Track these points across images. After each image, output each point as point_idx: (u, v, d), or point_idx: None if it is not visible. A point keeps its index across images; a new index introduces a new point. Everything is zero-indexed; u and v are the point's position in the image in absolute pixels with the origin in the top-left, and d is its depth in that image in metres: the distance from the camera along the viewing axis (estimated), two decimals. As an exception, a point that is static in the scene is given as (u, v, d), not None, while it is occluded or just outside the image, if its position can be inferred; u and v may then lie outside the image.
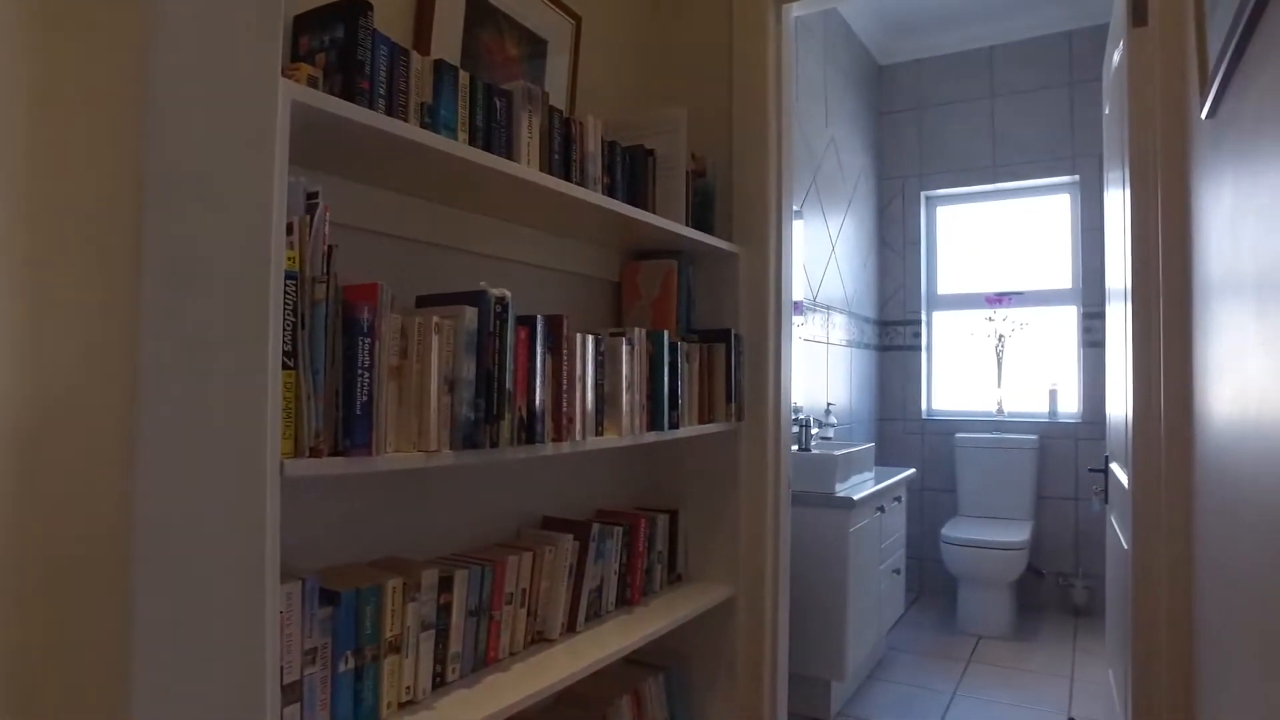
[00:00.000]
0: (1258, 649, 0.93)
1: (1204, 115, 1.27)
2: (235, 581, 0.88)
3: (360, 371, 1.05)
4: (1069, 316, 4.17)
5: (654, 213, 1.78)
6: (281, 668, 1.05)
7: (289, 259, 0.96)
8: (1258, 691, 0.93)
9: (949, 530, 3.71)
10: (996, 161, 4.25)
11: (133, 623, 0.79)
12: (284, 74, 0.95)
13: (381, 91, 1.19)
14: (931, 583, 4.38)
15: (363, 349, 1.06)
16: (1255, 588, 0.94)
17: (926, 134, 4.45)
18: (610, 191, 1.68)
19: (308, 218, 0.99)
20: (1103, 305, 3.81)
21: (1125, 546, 1.85)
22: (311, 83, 1.07)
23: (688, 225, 1.88)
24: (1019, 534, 3.64)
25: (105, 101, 0.85)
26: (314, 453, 1.00)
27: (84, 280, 0.86)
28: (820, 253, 3.66)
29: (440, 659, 1.32)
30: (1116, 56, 2.08)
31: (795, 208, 3.32)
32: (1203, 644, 1.38)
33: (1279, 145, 0.83)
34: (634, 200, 1.76)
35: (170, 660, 0.82)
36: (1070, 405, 4.14)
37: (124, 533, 0.79)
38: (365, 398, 1.06)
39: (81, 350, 0.86)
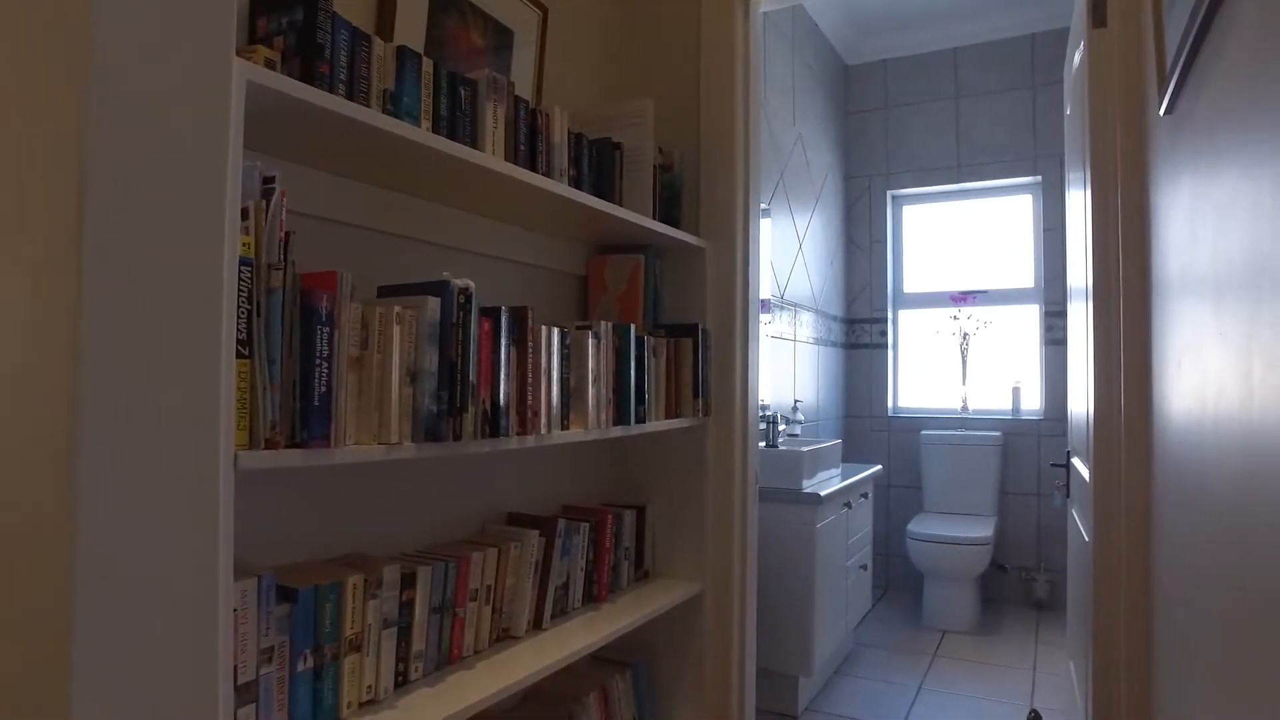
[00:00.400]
0: (1213, 634, 0.94)
1: (1162, 112, 1.29)
2: (186, 578, 0.85)
3: (319, 361, 1.03)
4: (1031, 315, 4.23)
5: (621, 206, 1.77)
6: (235, 667, 1.02)
7: (244, 244, 0.93)
8: (1213, 676, 0.94)
9: (915, 526, 3.75)
10: (961, 162, 4.31)
11: (73, 621, 0.76)
12: (239, 55, 0.92)
13: (342, 77, 1.16)
14: (898, 578, 4.42)
15: (321, 338, 1.03)
16: (1210, 574, 0.96)
17: (892, 133, 4.49)
18: (576, 184, 1.67)
19: (264, 202, 0.96)
20: (1064, 304, 3.88)
21: (1086, 539, 1.88)
22: (269, 65, 1.05)
23: (655, 219, 1.87)
24: (983, 529, 3.69)
25: (42, 79, 0.82)
26: (270, 444, 0.97)
27: (20, 266, 0.83)
28: (788, 251, 3.67)
29: (403, 657, 1.30)
30: (1077, 57, 2.11)
31: (763, 205, 3.33)
32: (1160, 632, 1.40)
33: (1233, 140, 0.84)
34: (601, 193, 1.75)
35: (113, 660, 0.79)
36: (1033, 403, 4.20)
37: (65, 528, 0.76)
38: (324, 388, 1.03)
39: (19, 340, 0.83)
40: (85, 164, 0.77)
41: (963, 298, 4.37)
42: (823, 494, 2.71)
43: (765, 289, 3.36)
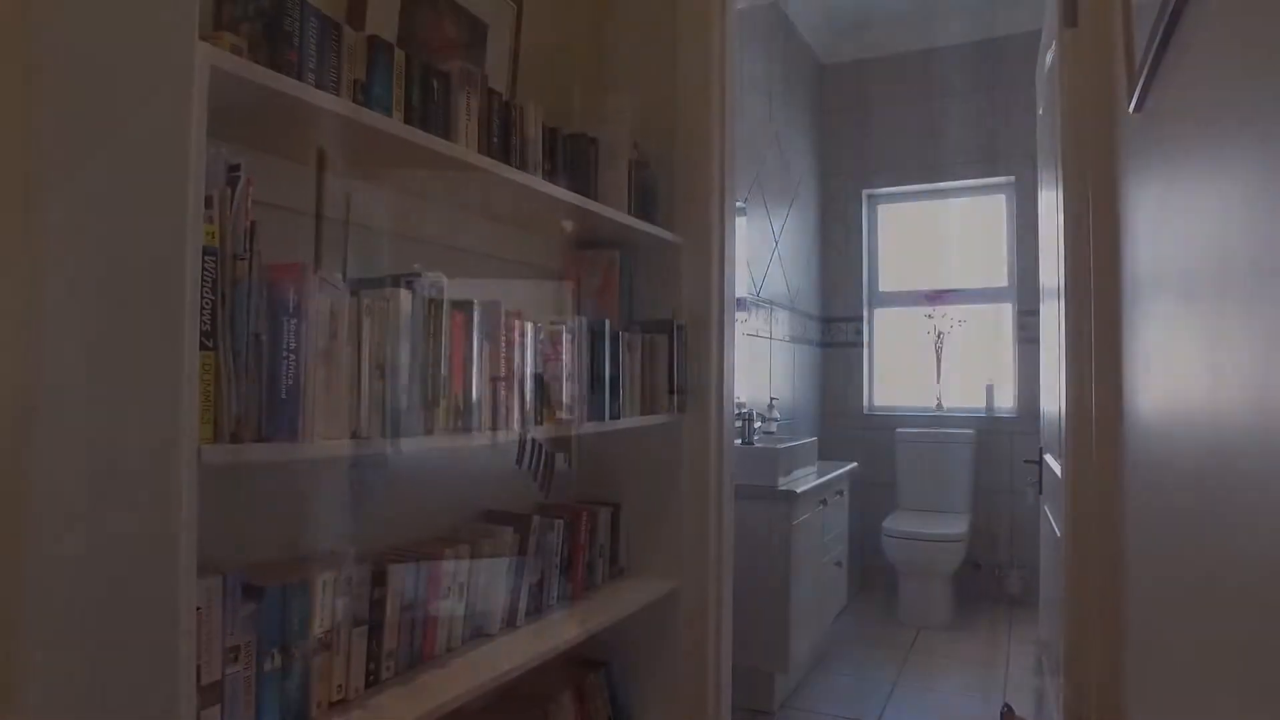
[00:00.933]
0: (1181, 627, 0.95)
1: (1131, 109, 1.30)
2: (147, 576, 0.83)
3: (286, 354, 1.01)
4: (1005, 314, 4.28)
5: (596, 201, 1.76)
6: (199, 667, 1.00)
7: (208, 233, 0.91)
8: (1183, 670, 0.95)
9: (890, 523, 3.78)
10: (936, 161, 4.34)
11: (25, 620, 0.73)
12: (203, 40, 0.90)
13: (311, 66, 1.14)
14: (873, 575, 4.44)
15: (288, 330, 1.01)
16: (1178, 564, 0.97)
17: (868, 133, 4.51)
18: (551, 178, 1.65)
19: (228, 190, 0.94)
20: (1037, 303, 3.92)
21: (1059, 534, 1.89)
22: (235, 52, 1.02)
23: (630, 215, 1.86)
24: (957, 526, 3.72)
25: None
26: (235, 438, 0.95)
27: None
28: (764, 249, 3.68)
29: (374, 656, 1.28)
30: (1049, 58, 2.13)
31: (739, 203, 3.33)
32: (1132, 626, 1.41)
33: (1200, 133, 0.85)
34: (576, 188, 1.73)
35: (68, 660, 0.77)
36: (1006, 400, 4.24)
37: (22, 523, 0.74)
38: (291, 381, 1.01)
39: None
40: (40, 151, 0.74)
41: (937, 296, 4.40)
42: (798, 491, 2.71)
43: (741, 287, 3.36)
